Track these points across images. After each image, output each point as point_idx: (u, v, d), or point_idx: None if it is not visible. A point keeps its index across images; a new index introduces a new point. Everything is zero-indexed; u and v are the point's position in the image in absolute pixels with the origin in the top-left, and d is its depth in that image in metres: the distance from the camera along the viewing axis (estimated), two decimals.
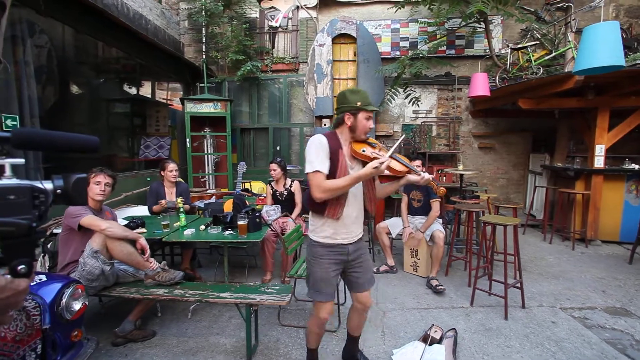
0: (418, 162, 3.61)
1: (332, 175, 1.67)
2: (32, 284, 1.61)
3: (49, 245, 2.71)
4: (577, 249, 4.58)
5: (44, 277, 1.77)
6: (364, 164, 1.71)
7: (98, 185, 2.40)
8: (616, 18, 5.76)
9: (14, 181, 0.71)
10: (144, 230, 2.89)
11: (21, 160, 0.77)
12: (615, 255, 4.36)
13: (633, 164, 4.75)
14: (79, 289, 1.81)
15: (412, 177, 1.69)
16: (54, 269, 2.52)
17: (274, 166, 3.76)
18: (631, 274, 3.70)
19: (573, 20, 5.00)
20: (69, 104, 3.99)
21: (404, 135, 2.00)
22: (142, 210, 3.76)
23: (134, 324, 2.46)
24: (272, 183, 3.86)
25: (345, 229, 1.76)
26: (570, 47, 4.79)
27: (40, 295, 1.63)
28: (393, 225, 3.78)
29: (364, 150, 1.68)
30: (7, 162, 0.73)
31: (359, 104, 1.67)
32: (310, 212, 1.83)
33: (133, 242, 2.38)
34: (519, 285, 2.99)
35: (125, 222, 3.01)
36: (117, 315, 2.64)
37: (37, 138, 0.79)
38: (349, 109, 1.69)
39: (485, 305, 3.01)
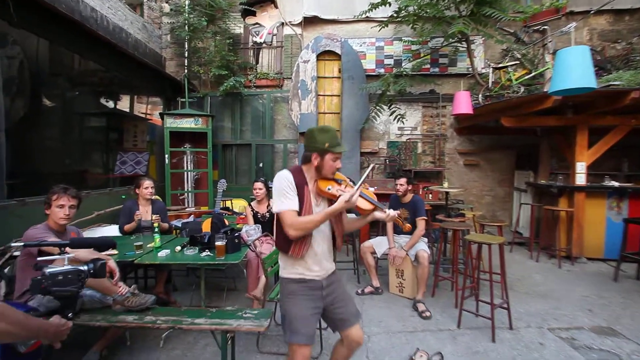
0: (403, 181, 3.65)
1: (297, 212, 1.66)
2: None
3: (5, 270, 2.56)
4: (563, 266, 4.65)
5: None
6: (330, 201, 1.72)
7: (61, 208, 2.27)
8: (590, 41, 6.10)
9: (68, 267, 1.57)
10: (114, 252, 2.78)
11: (72, 255, 1.71)
12: (600, 272, 4.45)
13: (613, 182, 4.93)
14: None
15: (378, 215, 1.72)
16: (11, 296, 2.38)
17: (259, 185, 3.65)
18: (616, 292, 3.77)
19: (550, 42, 5.26)
20: (41, 117, 3.89)
21: (370, 166, 2.02)
22: (114, 230, 3.64)
23: (100, 354, 2.32)
24: (253, 203, 3.76)
25: (315, 265, 1.73)
26: (548, 68, 5.02)
27: None
28: (378, 244, 3.76)
29: (329, 189, 1.68)
30: (66, 256, 1.65)
31: (326, 145, 1.65)
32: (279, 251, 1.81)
33: None
34: (505, 305, 2.99)
35: None
36: (81, 345, 2.49)
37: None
38: (316, 149, 1.68)
39: (473, 327, 2.99)
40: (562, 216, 4.95)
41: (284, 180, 1.67)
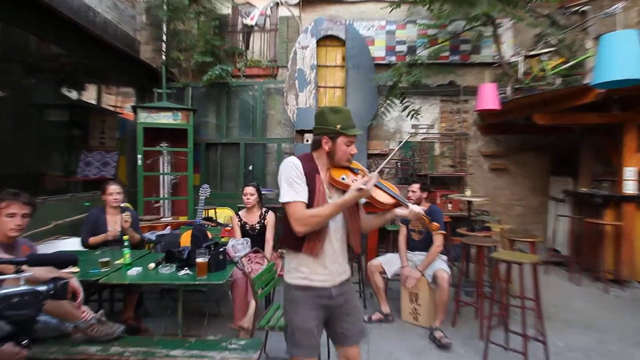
0: (415, 187, 3.64)
1: (308, 205, 1.69)
2: None
3: None
4: (610, 291, 4.61)
5: None
6: (344, 193, 1.74)
7: (12, 218, 2.24)
8: None
9: (25, 288, 1.54)
10: (76, 269, 2.75)
11: (30, 273, 1.63)
12: None
13: None
14: None
15: (399, 211, 1.73)
16: None
17: (250, 190, 3.63)
18: None
19: (591, 25, 5.28)
20: None
21: (394, 152, 2.04)
22: (75, 244, 3.61)
23: None
24: (242, 213, 3.74)
25: (324, 268, 1.77)
26: (590, 56, 5.03)
27: None
28: (388, 262, 3.74)
29: (343, 178, 1.71)
30: (22, 276, 1.58)
31: (338, 126, 1.71)
32: (285, 250, 1.84)
33: None
34: (541, 338, 2.96)
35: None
36: None
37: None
38: (327, 132, 1.73)
39: None
40: (608, 231, 4.92)
41: (291, 168, 1.71)
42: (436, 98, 6.44)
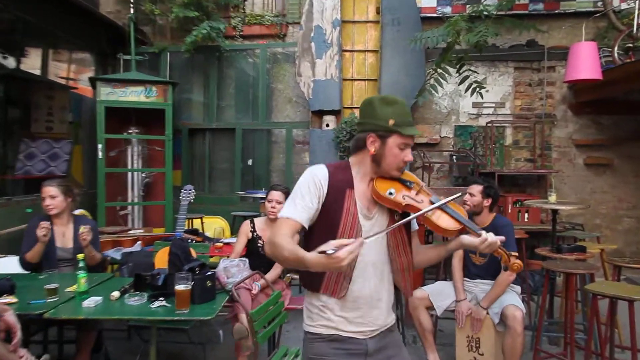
0: (476, 189, 3.59)
1: (332, 226, 1.69)
2: None
3: None
4: None
5: None
6: (391, 213, 1.73)
7: None
8: None
9: None
10: (12, 299, 2.83)
11: None
12: None
13: None
14: None
15: (467, 240, 1.69)
16: None
17: (278, 195, 3.61)
18: None
19: None
20: None
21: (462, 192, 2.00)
22: (14, 264, 3.70)
23: None
24: (259, 222, 3.79)
25: (359, 315, 1.75)
26: None
27: None
28: (438, 294, 3.71)
29: (390, 193, 1.68)
30: None
31: (391, 122, 1.67)
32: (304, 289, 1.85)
33: None
34: None
35: None
36: None
37: None
38: (375, 128, 1.71)
39: None
40: None
41: (308, 177, 1.73)
42: (508, 65, 6.38)
